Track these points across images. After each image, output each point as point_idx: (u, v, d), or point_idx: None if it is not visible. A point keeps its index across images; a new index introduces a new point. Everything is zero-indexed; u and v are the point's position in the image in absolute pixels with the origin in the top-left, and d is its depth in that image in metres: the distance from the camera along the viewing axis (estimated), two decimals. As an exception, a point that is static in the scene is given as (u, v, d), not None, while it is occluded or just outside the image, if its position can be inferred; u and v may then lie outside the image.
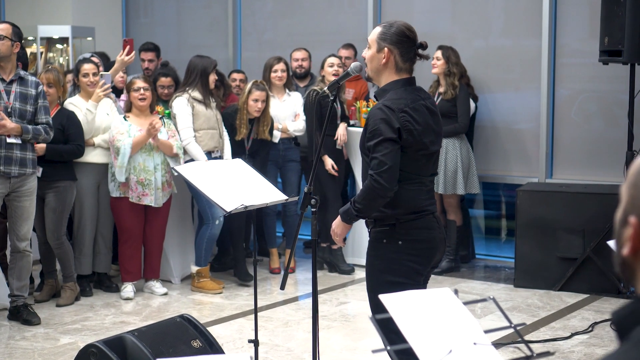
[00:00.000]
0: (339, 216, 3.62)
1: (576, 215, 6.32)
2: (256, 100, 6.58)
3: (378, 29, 3.56)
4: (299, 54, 7.57)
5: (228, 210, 3.63)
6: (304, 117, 7.07)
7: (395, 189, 3.41)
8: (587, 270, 6.30)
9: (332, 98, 3.70)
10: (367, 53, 3.61)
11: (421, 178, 3.51)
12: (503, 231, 8.24)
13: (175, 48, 9.10)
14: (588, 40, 6.98)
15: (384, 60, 3.51)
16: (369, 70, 3.62)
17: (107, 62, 7.43)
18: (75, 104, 6.25)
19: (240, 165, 3.99)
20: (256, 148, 6.76)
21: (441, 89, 6.95)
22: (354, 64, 3.68)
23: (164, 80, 6.94)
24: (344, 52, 7.65)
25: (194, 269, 6.53)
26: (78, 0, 9.18)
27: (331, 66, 6.95)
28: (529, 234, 6.46)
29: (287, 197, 4.01)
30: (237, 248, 6.89)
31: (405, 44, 3.51)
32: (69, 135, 5.96)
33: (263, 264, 7.39)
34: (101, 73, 6.28)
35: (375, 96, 3.65)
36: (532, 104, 7.24)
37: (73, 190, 6.04)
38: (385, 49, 3.50)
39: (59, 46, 8.84)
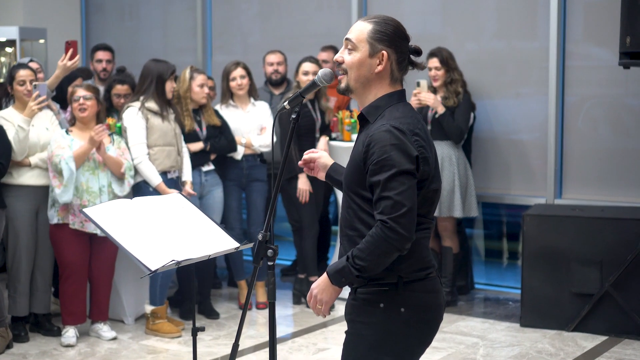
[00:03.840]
0: (322, 277, 2.69)
1: (592, 243, 5.43)
2: (202, 85, 5.84)
3: (368, 26, 2.67)
4: (273, 57, 6.66)
5: (152, 268, 2.73)
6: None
7: (414, 238, 2.57)
8: (605, 307, 5.41)
9: (294, 116, 2.81)
10: (348, 56, 2.70)
11: (430, 222, 2.71)
12: (504, 256, 7.33)
13: (162, 52, 8.20)
14: (602, 39, 6.10)
15: (379, 67, 2.65)
16: (353, 79, 2.70)
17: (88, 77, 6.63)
18: (7, 117, 5.35)
19: (178, 201, 3.08)
20: (213, 134, 5.91)
21: (439, 96, 6.07)
22: (322, 71, 2.79)
23: (120, 88, 6.08)
24: (324, 55, 6.76)
25: (149, 308, 5.61)
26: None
27: (306, 74, 6.06)
28: (537, 265, 5.57)
29: (238, 245, 3.10)
30: (203, 280, 5.99)
31: (403, 48, 2.69)
32: None
33: (232, 297, 6.49)
34: (35, 83, 5.36)
35: (362, 115, 2.74)
36: (537, 111, 6.33)
37: (1, 218, 5.14)
38: (384, 52, 2.65)
39: (8, 50, 7.92)
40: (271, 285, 2.86)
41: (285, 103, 2.85)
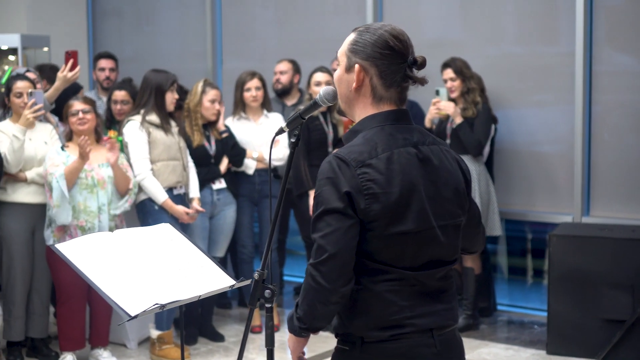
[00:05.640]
0: None
1: (623, 266, 5.08)
2: (213, 101, 5.51)
3: (351, 36, 2.35)
4: (279, 66, 6.40)
5: (132, 314, 2.42)
6: (286, 144, 5.86)
7: (344, 290, 2.19)
8: (637, 335, 5.05)
9: (293, 140, 2.49)
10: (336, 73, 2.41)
11: (402, 272, 2.23)
12: (529, 275, 6.96)
13: (177, 59, 7.92)
14: (630, 43, 5.73)
15: (354, 84, 2.31)
16: (339, 98, 2.40)
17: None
18: (4, 129, 5.08)
19: (165, 233, 2.77)
20: (221, 151, 5.62)
21: (458, 107, 5.73)
22: (324, 90, 2.48)
23: (117, 94, 5.84)
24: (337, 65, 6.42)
25: (154, 333, 5.31)
26: (34, 6, 8.01)
27: (318, 85, 5.75)
28: (564, 289, 5.21)
29: (234, 282, 2.78)
30: (204, 301, 5.67)
31: (388, 60, 2.28)
32: None
33: (242, 318, 6.18)
34: (30, 91, 5.07)
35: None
36: (562, 121, 5.95)
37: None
38: (357, 66, 2.29)
39: (11, 58, 7.66)
40: (269, 330, 2.54)
41: (284, 125, 2.55)
